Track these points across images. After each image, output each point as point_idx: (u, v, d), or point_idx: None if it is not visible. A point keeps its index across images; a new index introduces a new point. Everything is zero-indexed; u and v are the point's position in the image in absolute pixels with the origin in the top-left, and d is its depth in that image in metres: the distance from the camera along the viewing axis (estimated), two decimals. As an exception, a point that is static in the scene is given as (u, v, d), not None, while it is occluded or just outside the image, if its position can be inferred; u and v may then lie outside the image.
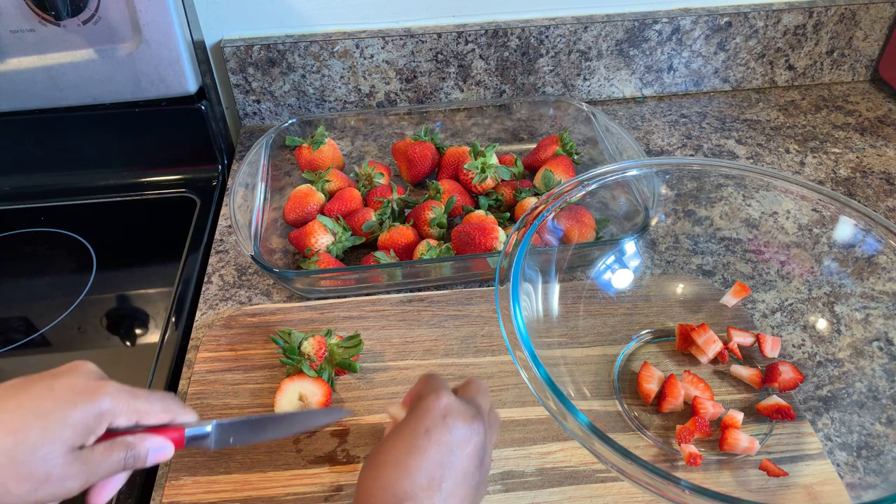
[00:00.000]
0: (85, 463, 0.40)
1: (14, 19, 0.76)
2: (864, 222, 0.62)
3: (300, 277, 0.69)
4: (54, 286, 0.77)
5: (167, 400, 0.45)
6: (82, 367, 0.43)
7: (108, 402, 0.41)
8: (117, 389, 0.42)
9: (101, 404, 0.41)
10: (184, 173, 0.91)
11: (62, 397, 0.40)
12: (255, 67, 0.92)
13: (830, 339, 0.66)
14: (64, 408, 0.39)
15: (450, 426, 0.43)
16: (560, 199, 0.63)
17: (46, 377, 0.41)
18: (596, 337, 0.66)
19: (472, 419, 0.44)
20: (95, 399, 0.40)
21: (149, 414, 0.43)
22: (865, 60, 1.05)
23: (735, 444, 0.57)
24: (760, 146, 0.94)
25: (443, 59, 0.95)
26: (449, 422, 0.43)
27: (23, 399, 0.39)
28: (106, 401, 0.41)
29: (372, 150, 0.93)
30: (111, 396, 0.41)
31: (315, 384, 0.60)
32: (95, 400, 0.40)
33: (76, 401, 0.40)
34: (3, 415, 0.38)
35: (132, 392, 0.43)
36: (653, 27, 0.95)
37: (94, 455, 0.40)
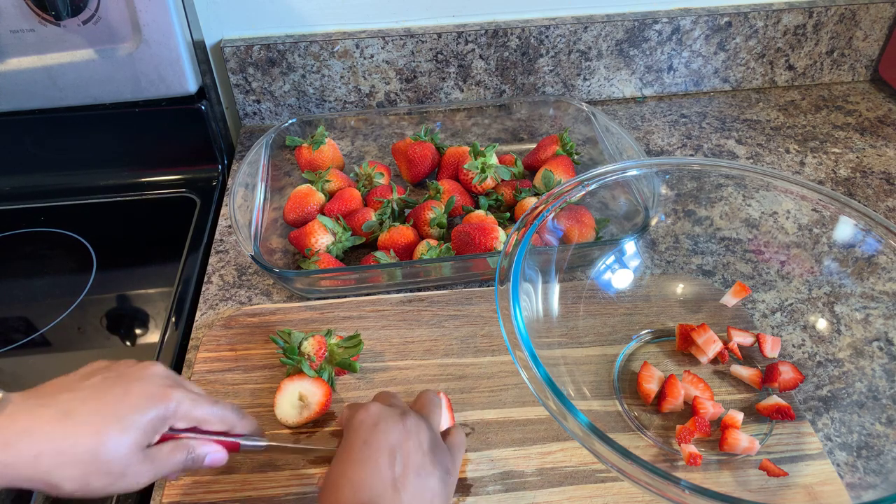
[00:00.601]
0: (154, 461, 0.45)
1: (14, 19, 0.76)
2: (864, 222, 0.62)
3: (300, 277, 0.69)
4: (54, 286, 0.77)
5: (226, 410, 0.50)
6: (154, 371, 0.47)
7: (172, 407, 0.46)
8: (183, 397, 0.46)
9: (167, 409, 0.45)
10: (184, 173, 0.91)
11: (136, 403, 0.44)
12: (255, 67, 0.92)
13: (830, 339, 0.66)
14: (137, 412, 0.44)
15: (383, 430, 0.46)
16: (560, 199, 0.63)
17: (122, 380, 0.45)
18: (596, 337, 0.66)
19: (400, 417, 0.47)
20: (164, 404, 0.45)
21: (206, 422, 0.48)
22: (865, 60, 1.05)
23: (735, 444, 0.57)
24: (760, 146, 0.94)
25: (443, 59, 0.95)
26: (381, 427, 0.46)
27: (102, 402, 0.44)
28: (171, 405, 0.46)
29: (372, 150, 0.93)
30: (176, 402, 0.46)
31: (315, 384, 0.60)
32: (164, 404, 0.45)
33: (148, 406, 0.44)
34: (86, 416, 0.43)
35: (195, 400, 0.47)
36: (653, 27, 0.95)
37: (161, 454, 0.45)
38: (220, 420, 0.49)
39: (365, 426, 0.46)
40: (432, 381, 0.63)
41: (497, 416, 0.60)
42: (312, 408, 0.59)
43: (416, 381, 0.63)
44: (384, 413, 0.47)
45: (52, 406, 0.42)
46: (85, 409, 0.43)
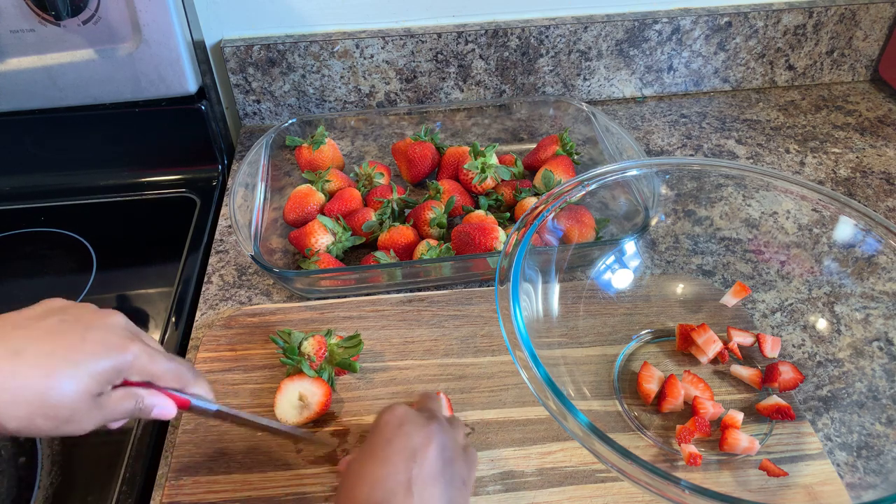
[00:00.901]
0: (102, 408, 0.44)
1: (14, 19, 0.76)
2: (864, 222, 0.62)
3: (300, 277, 0.69)
4: (54, 286, 0.77)
5: (182, 368, 0.49)
6: (114, 321, 0.46)
7: (129, 359, 0.45)
8: (140, 351, 0.46)
9: (123, 360, 0.45)
10: (184, 173, 0.91)
11: (92, 350, 0.43)
12: (255, 67, 0.92)
13: (830, 339, 0.66)
14: (92, 360, 0.43)
15: (407, 433, 0.45)
16: (560, 199, 0.63)
17: (80, 325, 0.44)
18: (596, 337, 0.66)
19: (426, 422, 0.47)
20: (120, 355, 0.45)
21: (161, 378, 0.47)
22: (865, 60, 1.05)
23: (735, 444, 0.57)
24: (760, 146, 0.94)
25: (443, 59, 0.95)
26: (406, 429, 0.46)
27: (58, 346, 0.43)
28: (128, 358, 0.45)
29: (372, 150, 0.93)
30: (133, 355, 0.45)
31: (315, 384, 0.60)
32: (120, 356, 0.44)
33: (103, 355, 0.44)
34: (38, 357, 0.42)
35: (152, 355, 0.47)
36: (653, 27, 0.95)
37: (111, 401, 0.45)
38: (175, 377, 0.48)
39: (390, 426, 0.46)
40: (432, 381, 0.63)
41: (497, 416, 0.60)
42: (312, 408, 0.59)
43: (416, 381, 0.63)
44: (410, 415, 0.47)
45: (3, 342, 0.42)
46: (37, 350, 0.42)
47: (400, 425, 0.46)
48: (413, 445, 0.45)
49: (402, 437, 0.45)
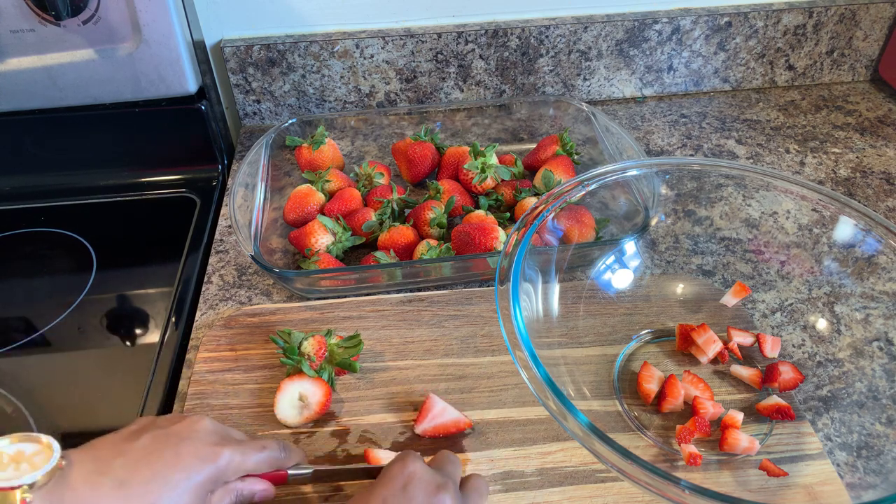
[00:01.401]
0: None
1: (14, 19, 0.76)
2: (864, 222, 0.62)
3: (300, 277, 0.69)
4: (54, 286, 0.77)
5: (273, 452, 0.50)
6: (202, 427, 0.47)
7: (223, 466, 0.46)
8: (232, 453, 0.47)
9: (218, 469, 0.46)
10: (184, 173, 0.91)
11: (187, 465, 0.44)
12: (255, 67, 0.92)
13: (830, 339, 0.66)
14: (189, 476, 0.44)
15: (410, 496, 0.44)
16: (560, 199, 0.63)
17: (172, 440, 0.45)
18: (596, 337, 0.66)
19: (436, 490, 0.45)
20: (214, 464, 0.46)
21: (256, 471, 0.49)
22: (865, 60, 1.05)
23: (735, 444, 0.57)
24: (760, 146, 0.94)
25: (443, 59, 0.95)
26: (409, 491, 0.44)
27: (155, 469, 0.44)
28: (222, 464, 0.46)
29: (372, 150, 0.93)
30: (227, 461, 0.46)
31: (315, 384, 0.60)
32: (214, 465, 0.46)
33: (198, 468, 0.45)
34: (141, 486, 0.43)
35: (244, 453, 0.48)
36: (653, 27, 0.95)
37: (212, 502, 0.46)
38: (269, 464, 0.50)
39: (394, 483, 0.45)
40: (432, 381, 0.63)
41: (497, 416, 0.60)
42: (312, 408, 0.59)
43: (416, 381, 0.63)
44: (419, 477, 0.45)
45: (108, 474, 0.42)
46: (139, 478, 0.43)
47: (404, 486, 0.44)
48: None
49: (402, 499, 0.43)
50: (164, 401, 0.64)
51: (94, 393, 0.65)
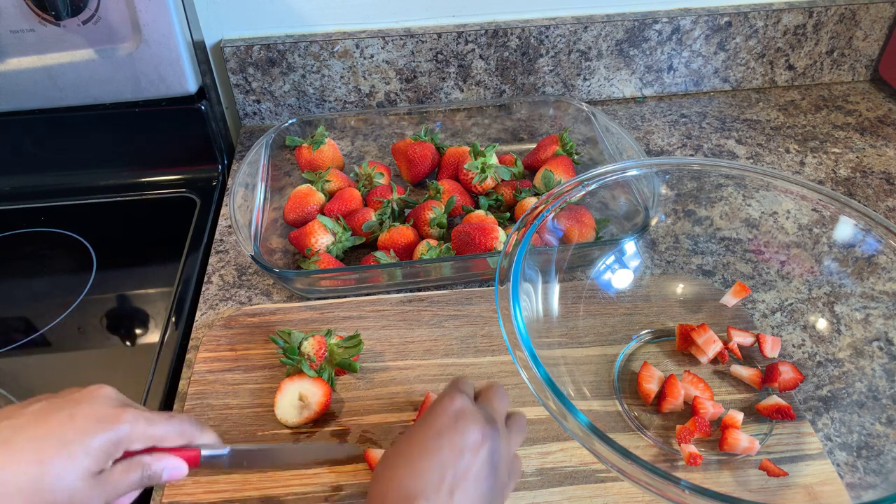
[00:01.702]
0: (105, 485, 0.42)
1: (14, 19, 0.76)
2: (864, 222, 0.62)
3: (300, 277, 0.69)
4: (54, 286, 0.77)
5: (184, 423, 0.47)
6: (102, 393, 0.44)
7: (125, 429, 0.43)
8: (135, 417, 0.43)
9: (118, 431, 0.42)
10: (184, 173, 0.91)
11: (83, 426, 0.41)
12: (255, 67, 0.92)
13: (830, 339, 0.66)
14: (85, 437, 0.41)
15: (461, 429, 0.43)
16: (560, 199, 0.63)
17: (69, 404, 0.43)
18: (596, 337, 0.66)
19: (484, 424, 0.44)
20: (114, 426, 0.42)
21: (164, 439, 0.45)
22: (865, 60, 1.05)
23: (735, 444, 0.57)
24: (760, 146, 0.94)
25: (443, 59, 0.95)
26: (460, 425, 0.43)
27: (47, 428, 0.41)
28: (124, 428, 0.43)
29: (372, 150, 0.93)
30: (129, 424, 0.43)
31: (315, 384, 0.60)
32: (114, 427, 0.42)
33: (96, 429, 0.42)
34: (28, 444, 0.40)
35: (149, 419, 0.44)
36: (653, 27, 0.95)
37: (113, 476, 0.43)
38: (179, 434, 0.46)
39: (446, 416, 0.44)
40: (432, 381, 0.63)
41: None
42: (312, 408, 0.59)
43: (416, 381, 0.63)
44: (470, 411, 0.45)
45: None
46: (24, 436, 0.40)
47: (456, 419, 0.44)
48: (464, 444, 0.43)
49: (455, 433, 0.43)
50: (164, 401, 0.64)
51: (94, 393, 0.65)
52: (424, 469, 0.41)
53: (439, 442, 0.43)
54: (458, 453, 0.42)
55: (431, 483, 0.41)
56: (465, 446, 0.43)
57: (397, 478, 0.41)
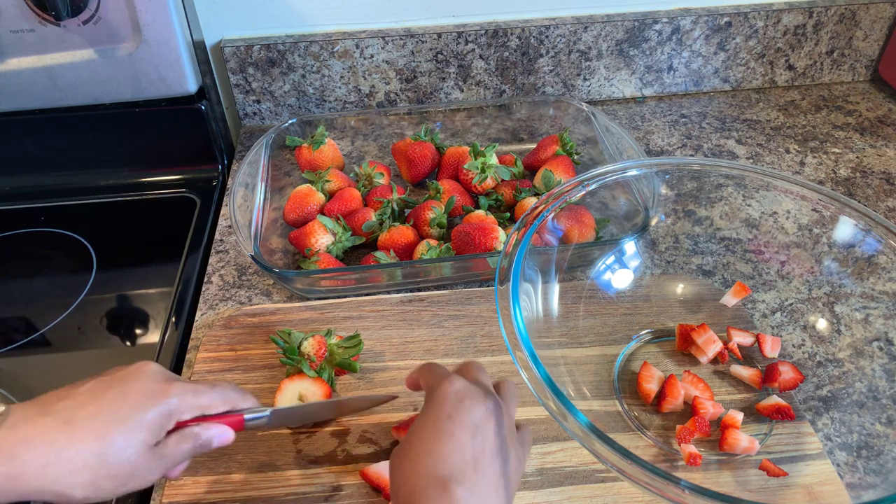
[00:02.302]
0: (161, 456, 0.45)
1: (14, 19, 0.76)
2: (864, 222, 0.62)
3: (300, 277, 0.69)
4: (54, 286, 0.77)
5: (227, 390, 0.50)
6: (149, 369, 0.47)
7: (175, 402, 0.46)
8: (182, 389, 0.47)
9: (169, 405, 0.45)
10: (184, 173, 0.91)
11: (136, 402, 0.44)
12: (255, 67, 0.92)
13: (830, 339, 0.66)
14: (139, 412, 0.44)
15: (468, 408, 0.45)
16: (560, 199, 0.63)
17: (118, 381, 0.45)
18: (596, 337, 0.66)
19: (484, 398, 0.46)
20: (165, 400, 0.45)
21: (210, 408, 0.48)
22: (865, 60, 1.05)
23: (735, 444, 0.57)
24: (760, 146, 0.94)
25: (443, 59, 0.95)
26: (466, 404, 0.45)
27: (102, 405, 0.43)
28: (174, 401, 0.46)
29: (372, 150, 0.93)
30: (178, 397, 0.46)
31: (315, 384, 0.60)
32: (165, 401, 0.45)
33: (148, 404, 0.44)
34: (87, 420, 0.42)
35: (195, 390, 0.47)
36: (653, 27, 0.95)
37: (168, 448, 0.46)
38: (224, 401, 0.49)
39: (451, 400, 0.45)
40: (432, 381, 0.63)
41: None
42: (312, 408, 0.59)
43: (416, 379, 0.63)
44: (470, 390, 0.46)
45: (51, 414, 0.42)
46: (84, 414, 0.43)
47: (461, 400, 0.45)
48: (475, 421, 0.44)
49: (464, 412, 0.44)
50: (164, 401, 0.64)
51: (94, 393, 0.65)
52: (447, 452, 0.42)
53: (452, 425, 0.44)
54: (472, 432, 0.44)
55: (457, 464, 0.42)
56: (476, 424, 0.44)
57: (422, 467, 0.42)
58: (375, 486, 0.55)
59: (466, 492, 0.41)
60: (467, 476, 0.41)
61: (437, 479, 0.41)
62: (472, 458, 0.42)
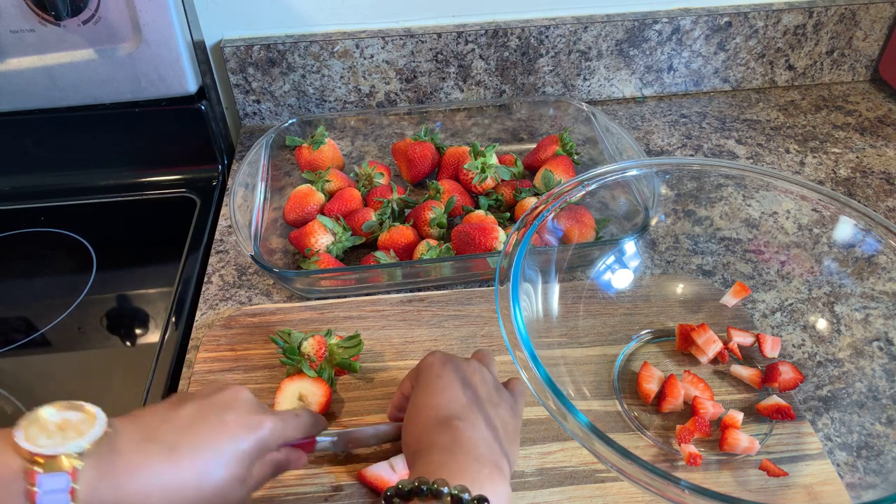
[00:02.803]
0: (247, 484, 0.46)
1: (14, 19, 0.76)
2: (864, 222, 0.62)
3: (300, 277, 0.69)
4: (54, 286, 0.77)
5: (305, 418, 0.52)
6: (244, 398, 0.48)
7: (266, 434, 0.47)
8: (274, 422, 0.48)
9: (262, 437, 0.46)
10: (184, 173, 0.91)
11: (234, 433, 0.45)
12: (255, 67, 0.92)
13: (830, 339, 0.66)
14: (236, 444, 0.45)
15: (454, 366, 0.50)
16: (560, 199, 0.63)
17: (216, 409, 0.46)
18: (596, 337, 0.66)
19: (464, 360, 0.52)
20: (259, 434, 0.46)
21: (293, 438, 0.50)
22: (865, 60, 1.05)
23: (735, 444, 0.57)
24: (760, 146, 0.94)
25: (443, 59, 0.95)
26: (450, 365, 0.50)
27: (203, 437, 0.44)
28: (265, 434, 0.47)
29: (372, 150, 0.93)
30: (270, 430, 0.47)
31: (315, 384, 0.60)
32: (259, 434, 0.46)
33: (245, 436, 0.45)
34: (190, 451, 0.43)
35: (284, 420, 0.49)
36: (653, 27, 0.95)
37: (254, 475, 0.47)
38: (303, 430, 0.51)
39: (436, 365, 0.50)
40: (432, 381, 0.63)
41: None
42: (313, 408, 0.59)
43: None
44: (450, 355, 0.52)
45: (156, 441, 0.42)
46: (186, 443, 0.43)
47: (444, 363, 0.50)
48: (461, 376, 0.49)
49: (450, 370, 0.49)
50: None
51: (94, 393, 0.65)
52: (445, 401, 0.47)
53: (442, 381, 0.48)
54: (461, 384, 0.48)
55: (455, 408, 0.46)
56: (463, 378, 0.49)
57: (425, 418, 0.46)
58: (373, 487, 0.55)
59: (467, 424, 0.45)
60: (465, 414, 0.46)
61: (441, 419, 0.46)
62: (467, 402, 0.47)
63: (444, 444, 0.44)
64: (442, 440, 0.44)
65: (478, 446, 0.44)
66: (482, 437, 0.45)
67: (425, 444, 0.45)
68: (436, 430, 0.45)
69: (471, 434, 0.44)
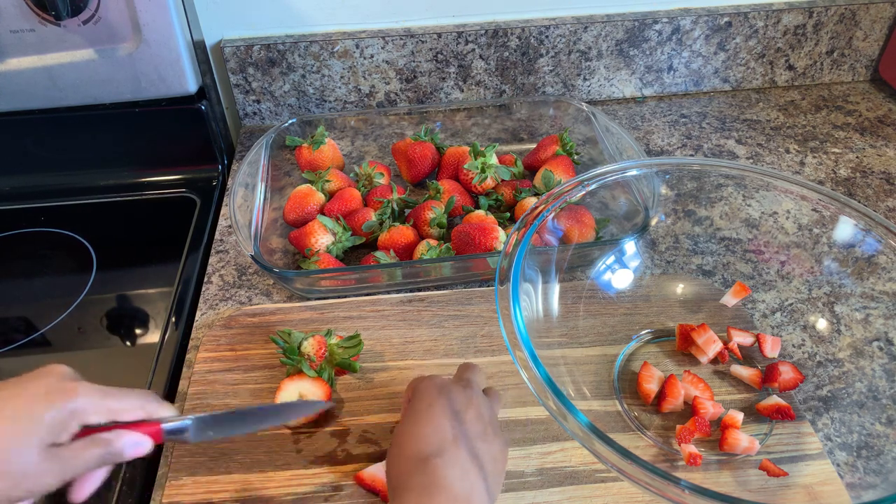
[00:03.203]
0: (60, 460, 0.41)
1: (14, 19, 0.76)
2: (864, 222, 0.62)
3: (300, 277, 0.69)
4: (54, 286, 0.77)
5: (143, 397, 0.46)
6: (54, 370, 0.44)
7: (79, 401, 0.42)
8: (89, 389, 0.43)
9: (72, 403, 0.42)
10: (184, 173, 0.91)
11: (33, 399, 0.41)
12: (255, 67, 0.92)
13: (830, 339, 0.66)
14: (35, 408, 0.41)
15: (448, 396, 0.48)
16: (560, 199, 0.63)
17: (16, 382, 0.43)
18: (596, 337, 0.66)
19: (463, 388, 0.49)
20: (67, 398, 0.42)
21: (123, 412, 0.45)
22: (865, 60, 1.05)
23: (735, 444, 0.57)
24: (760, 146, 0.94)
25: (443, 59, 0.95)
26: (445, 394, 0.48)
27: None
28: (78, 400, 0.42)
29: (372, 150, 0.93)
30: (83, 395, 0.43)
31: (315, 384, 0.60)
32: (67, 399, 0.42)
33: (47, 401, 0.42)
34: None
35: (104, 391, 0.44)
36: (653, 27, 0.95)
37: (70, 452, 0.42)
38: (139, 406, 0.45)
39: (430, 392, 0.48)
40: (432, 381, 0.63)
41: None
42: (312, 408, 0.59)
43: (416, 381, 0.63)
44: (448, 383, 0.50)
45: None
46: None
47: (440, 391, 0.48)
48: (455, 408, 0.47)
49: (444, 400, 0.48)
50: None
51: (94, 393, 0.65)
52: (428, 434, 0.46)
53: (432, 412, 0.47)
54: (452, 416, 0.47)
55: (437, 443, 0.45)
56: (456, 410, 0.47)
57: (407, 450, 0.45)
58: (370, 489, 0.55)
59: (445, 462, 0.44)
60: (445, 449, 0.44)
61: (420, 457, 0.44)
62: (452, 436, 0.45)
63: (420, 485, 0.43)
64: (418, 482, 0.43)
65: (453, 486, 0.43)
66: (460, 475, 0.44)
67: (403, 484, 0.44)
68: (414, 471, 0.44)
69: (447, 472, 0.43)
